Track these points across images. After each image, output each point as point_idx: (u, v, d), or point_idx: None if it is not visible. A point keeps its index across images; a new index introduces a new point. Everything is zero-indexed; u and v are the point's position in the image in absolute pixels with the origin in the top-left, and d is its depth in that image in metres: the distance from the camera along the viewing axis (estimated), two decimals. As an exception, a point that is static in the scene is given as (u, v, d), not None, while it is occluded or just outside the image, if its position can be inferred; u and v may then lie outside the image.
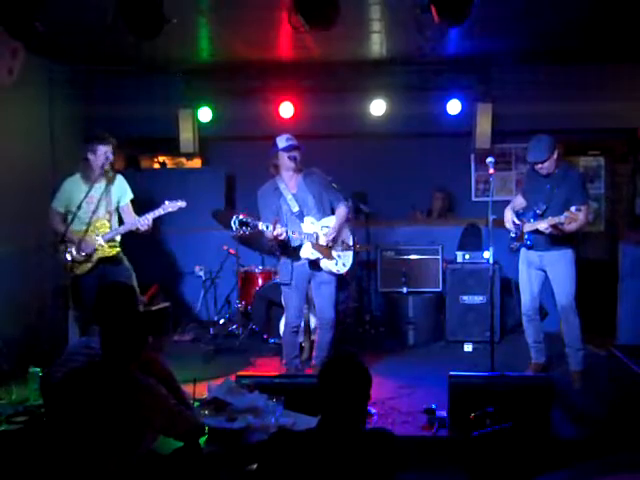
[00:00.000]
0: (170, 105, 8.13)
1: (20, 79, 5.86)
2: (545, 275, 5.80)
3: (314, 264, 5.61)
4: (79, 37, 6.53)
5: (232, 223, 5.24)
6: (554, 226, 5.39)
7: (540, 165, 5.56)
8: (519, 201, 5.97)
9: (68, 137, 7.11)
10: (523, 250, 5.84)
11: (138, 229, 5.88)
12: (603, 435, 4.56)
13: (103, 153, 5.82)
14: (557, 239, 5.59)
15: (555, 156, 5.53)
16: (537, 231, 5.59)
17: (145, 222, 5.83)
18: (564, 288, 5.67)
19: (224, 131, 8.47)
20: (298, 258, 5.59)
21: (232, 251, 7.56)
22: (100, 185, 5.91)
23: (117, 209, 6.05)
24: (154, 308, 7.07)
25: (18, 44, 5.65)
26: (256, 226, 5.30)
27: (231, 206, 8.47)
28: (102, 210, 5.92)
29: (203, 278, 7.93)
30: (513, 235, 5.84)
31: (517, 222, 5.77)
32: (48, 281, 6.57)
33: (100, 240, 5.83)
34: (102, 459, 3.02)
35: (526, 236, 5.72)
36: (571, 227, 5.41)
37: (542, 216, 5.57)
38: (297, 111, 8.14)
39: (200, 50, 7.42)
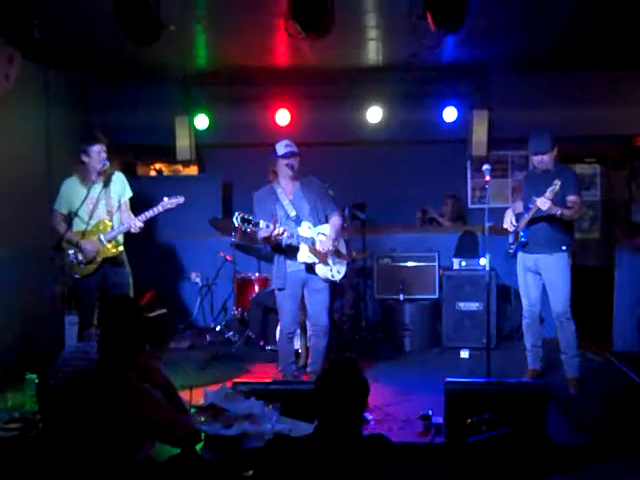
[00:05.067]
0: (167, 112, 8.14)
1: (17, 85, 5.86)
2: (543, 280, 5.80)
3: (310, 268, 5.62)
4: (76, 44, 6.54)
5: (234, 219, 5.24)
6: (553, 201, 5.39)
7: (541, 157, 5.60)
8: (518, 207, 5.97)
9: (64, 143, 7.09)
10: (520, 255, 5.84)
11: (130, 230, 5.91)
12: (599, 441, 4.56)
13: (97, 154, 5.83)
14: (553, 240, 5.60)
15: (555, 153, 5.60)
16: (535, 222, 5.60)
17: (135, 225, 5.85)
18: (559, 294, 5.67)
19: (221, 138, 8.48)
20: (293, 260, 5.60)
21: (229, 258, 7.56)
22: (98, 185, 5.92)
23: (119, 207, 6.06)
24: (151, 315, 7.07)
25: (15, 50, 5.65)
26: (257, 224, 5.32)
27: (228, 213, 8.46)
28: (102, 210, 5.93)
29: (200, 285, 7.92)
30: (511, 241, 5.85)
31: (515, 224, 5.78)
32: (44, 286, 6.56)
33: (103, 240, 5.84)
34: (98, 466, 3.02)
35: (521, 233, 5.72)
36: (569, 213, 5.47)
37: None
38: (293, 118, 8.17)
39: (197, 57, 7.44)
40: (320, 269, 5.63)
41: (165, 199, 5.95)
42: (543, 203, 5.39)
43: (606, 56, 7.30)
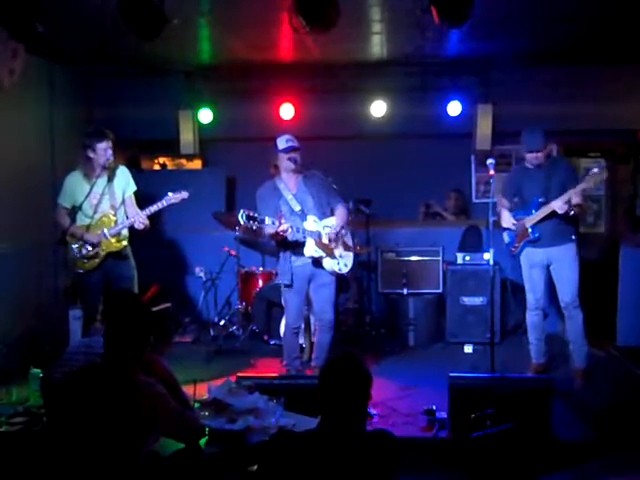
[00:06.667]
0: (170, 106, 8.15)
1: (21, 80, 5.86)
2: (548, 274, 5.79)
3: (317, 262, 5.62)
4: (80, 38, 6.54)
5: (240, 217, 5.23)
6: (568, 202, 5.41)
7: (536, 154, 5.62)
8: (504, 203, 5.94)
9: (68, 138, 7.11)
10: (526, 251, 5.81)
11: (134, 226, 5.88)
12: (603, 436, 4.56)
13: (103, 150, 5.80)
14: (563, 231, 5.61)
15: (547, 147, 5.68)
16: (544, 219, 5.59)
17: (140, 220, 5.82)
18: (569, 284, 5.66)
19: (224, 132, 8.48)
20: (298, 256, 5.60)
21: (232, 252, 7.55)
22: (102, 180, 5.90)
23: (123, 202, 6.04)
24: (155, 309, 7.07)
25: (19, 45, 5.65)
26: (263, 220, 5.31)
27: (232, 207, 8.47)
28: (106, 204, 5.91)
29: (204, 279, 7.92)
30: (508, 240, 5.83)
31: (514, 222, 5.76)
32: (48, 280, 6.58)
33: (106, 235, 5.82)
34: (103, 460, 3.02)
35: (530, 230, 5.70)
36: (580, 211, 5.56)
37: (546, 203, 5.57)
38: (297, 112, 8.16)
39: (201, 51, 7.43)
40: (327, 262, 5.62)
41: (169, 194, 5.93)
42: (561, 207, 5.44)
43: (610, 50, 7.27)
